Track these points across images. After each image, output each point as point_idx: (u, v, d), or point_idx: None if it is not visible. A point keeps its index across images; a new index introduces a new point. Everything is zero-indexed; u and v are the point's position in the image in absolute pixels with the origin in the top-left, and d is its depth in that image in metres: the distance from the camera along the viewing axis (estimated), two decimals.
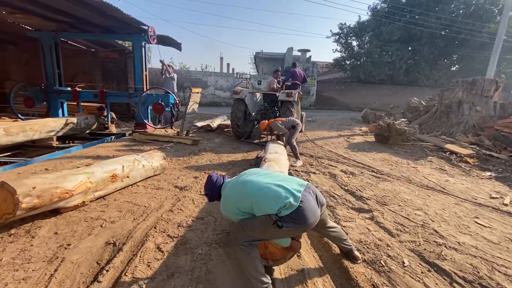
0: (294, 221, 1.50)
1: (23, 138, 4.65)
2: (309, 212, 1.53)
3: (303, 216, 1.51)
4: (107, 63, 10.23)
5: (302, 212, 1.51)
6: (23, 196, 2.02)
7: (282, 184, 1.61)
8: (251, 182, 1.68)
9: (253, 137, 6.86)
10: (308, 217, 1.52)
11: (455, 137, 6.70)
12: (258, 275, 1.55)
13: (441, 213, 2.89)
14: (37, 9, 5.37)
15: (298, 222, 1.51)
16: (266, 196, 1.56)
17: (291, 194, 1.54)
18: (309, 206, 1.54)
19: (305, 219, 1.51)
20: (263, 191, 1.58)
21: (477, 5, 17.80)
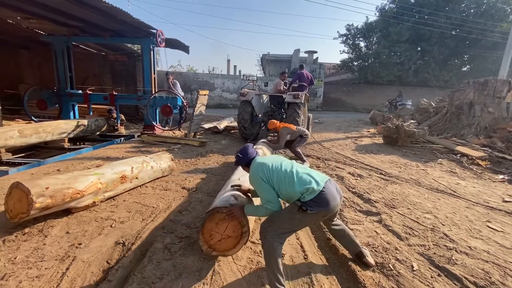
0: (318, 205, 1.64)
1: (36, 140, 4.78)
2: (331, 197, 1.68)
3: (325, 199, 1.66)
4: (116, 66, 10.43)
5: (324, 196, 1.66)
6: (37, 196, 2.08)
7: (309, 173, 1.77)
8: (283, 163, 1.83)
9: (260, 138, 6.83)
10: (329, 201, 1.66)
11: (466, 139, 6.56)
12: (278, 273, 1.63)
13: (451, 216, 2.84)
14: (50, 14, 5.54)
15: (321, 205, 1.65)
16: (294, 178, 1.71)
17: (315, 181, 1.70)
18: (330, 192, 1.70)
19: (327, 202, 1.66)
20: (293, 173, 1.74)
21: (489, 4, 17.42)
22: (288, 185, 1.70)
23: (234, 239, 1.85)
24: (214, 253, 1.86)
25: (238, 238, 1.85)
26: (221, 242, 1.85)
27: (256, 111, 6.43)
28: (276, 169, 1.77)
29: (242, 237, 1.84)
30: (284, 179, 1.72)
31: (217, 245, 1.85)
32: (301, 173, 1.74)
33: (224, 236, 1.84)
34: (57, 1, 4.76)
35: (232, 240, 1.85)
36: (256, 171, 1.80)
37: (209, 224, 1.85)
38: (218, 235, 1.85)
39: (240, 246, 1.86)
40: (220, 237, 1.85)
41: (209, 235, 1.85)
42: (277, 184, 1.73)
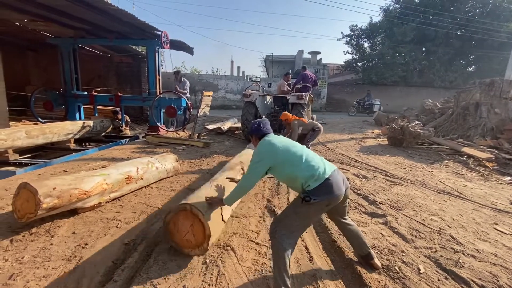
0: (321, 193, 1.63)
1: (43, 141, 4.84)
2: (335, 185, 1.67)
3: (329, 187, 1.64)
4: (121, 67, 10.52)
5: (329, 183, 1.65)
6: (44, 196, 2.11)
7: (318, 160, 1.77)
8: (294, 146, 1.83)
9: None
10: (334, 189, 1.65)
11: (473, 140, 6.48)
12: (285, 275, 1.61)
13: (458, 219, 2.80)
14: (56, 16, 5.61)
15: (325, 193, 1.64)
16: (302, 162, 1.71)
17: (322, 168, 1.70)
18: (335, 181, 1.68)
19: (331, 190, 1.64)
20: (302, 157, 1.73)
21: (495, 4, 17.23)
22: (294, 167, 1.70)
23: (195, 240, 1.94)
24: (173, 244, 1.98)
25: (198, 242, 1.93)
26: (184, 237, 1.94)
27: (260, 112, 6.44)
28: (285, 150, 1.76)
29: (203, 243, 1.92)
30: (291, 160, 1.72)
31: (180, 239, 1.95)
32: (310, 159, 1.73)
33: (188, 233, 1.93)
34: (64, 3, 4.82)
35: (193, 240, 1.94)
36: (263, 147, 1.80)
37: (178, 216, 1.94)
38: (183, 230, 1.94)
39: (197, 250, 1.94)
40: (186, 232, 1.93)
41: (175, 225, 1.95)
42: (282, 164, 1.74)
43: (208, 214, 1.92)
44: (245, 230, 2.38)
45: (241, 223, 2.50)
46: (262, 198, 3.12)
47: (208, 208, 1.99)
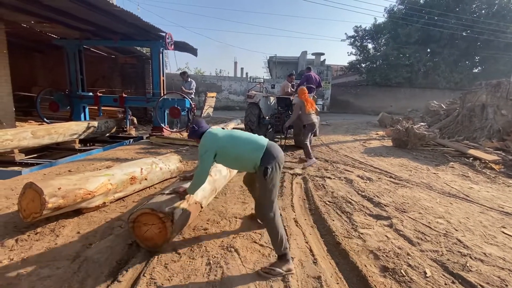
0: (270, 159, 1.90)
1: (48, 141, 4.89)
2: (275, 150, 1.96)
3: (272, 152, 1.93)
4: (126, 68, 10.59)
5: (270, 149, 1.94)
6: (50, 196, 2.12)
7: (253, 136, 2.05)
8: (233, 132, 2.10)
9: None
10: (277, 153, 1.95)
11: (479, 142, 6.41)
12: (284, 239, 1.89)
13: (465, 222, 2.76)
14: (62, 18, 5.67)
15: (272, 158, 1.91)
16: (245, 142, 1.99)
17: (260, 141, 1.99)
18: (272, 146, 1.98)
19: (275, 154, 1.94)
20: (241, 137, 2.03)
21: (501, 4, 17.07)
22: (238, 147, 1.96)
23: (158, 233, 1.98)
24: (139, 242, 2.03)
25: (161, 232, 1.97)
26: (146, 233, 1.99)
27: (263, 113, 6.42)
28: (226, 136, 2.02)
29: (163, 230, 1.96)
30: (233, 143, 1.98)
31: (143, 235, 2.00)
32: (249, 137, 2.03)
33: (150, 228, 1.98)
34: (70, 6, 4.86)
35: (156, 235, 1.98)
36: (205, 141, 2.01)
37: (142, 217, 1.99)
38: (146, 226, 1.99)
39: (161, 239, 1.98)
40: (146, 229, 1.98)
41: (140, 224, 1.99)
42: (225, 148, 1.97)
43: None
44: (248, 231, 2.37)
45: (244, 225, 2.49)
46: None
47: (174, 199, 2.13)
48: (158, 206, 1.98)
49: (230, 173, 3.37)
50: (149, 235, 1.97)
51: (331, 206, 3.03)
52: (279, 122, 6.42)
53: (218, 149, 1.96)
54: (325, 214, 2.80)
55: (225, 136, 2.02)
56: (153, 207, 1.96)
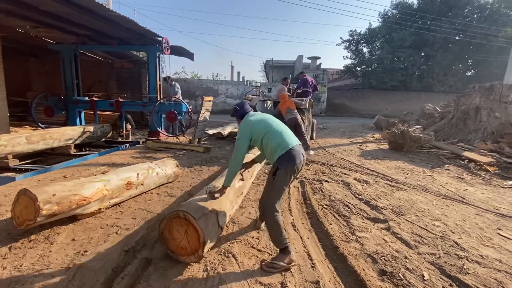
0: (286, 161, 1.94)
1: (43, 146, 4.84)
2: (296, 155, 1.98)
3: (291, 156, 1.95)
4: (122, 73, 10.57)
5: (291, 153, 1.96)
6: (44, 203, 2.09)
7: (288, 133, 2.09)
8: (272, 120, 2.16)
9: None
10: (295, 158, 1.96)
11: (473, 144, 6.48)
12: (283, 233, 1.98)
13: (461, 224, 2.78)
14: (58, 23, 5.66)
15: (288, 161, 1.94)
16: (275, 132, 2.04)
17: (288, 140, 2.02)
18: (297, 151, 1.99)
19: (294, 159, 1.95)
20: (275, 128, 2.07)
21: (492, 9, 17.43)
22: (268, 136, 2.03)
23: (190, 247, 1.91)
24: (169, 252, 1.97)
25: (193, 249, 1.90)
26: (179, 245, 1.92)
27: None
28: (260, 123, 2.10)
29: (197, 251, 1.89)
30: (265, 130, 2.05)
31: (175, 246, 1.94)
32: (280, 130, 2.06)
33: (183, 240, 1.92)
34: (66, 10, 4.86)
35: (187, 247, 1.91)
36: (243, 126, 2.12)
37: (171, 223, 1.94)
38: (178, 237, 1.93)
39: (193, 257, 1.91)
40: (180, 239, 1.92)
41: (170, 233, 1.94)
42: (258, 134, 2.05)
43: (202, 220, 1.90)
44: (246, 236, 2.36)
45: (242, 229, 2.48)
46: None
47: (211, 202, 2.11)
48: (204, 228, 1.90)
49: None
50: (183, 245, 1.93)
51: (329, 209, 3.03)
52: None
53: (252, 135, 2.07)
54: (322, 217, 2.79)
55: (262, 124, 2.09)
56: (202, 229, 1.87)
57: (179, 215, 1.89)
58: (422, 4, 18.53)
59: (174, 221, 1.91)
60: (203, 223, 1.88)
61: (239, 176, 3.01)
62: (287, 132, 2.09)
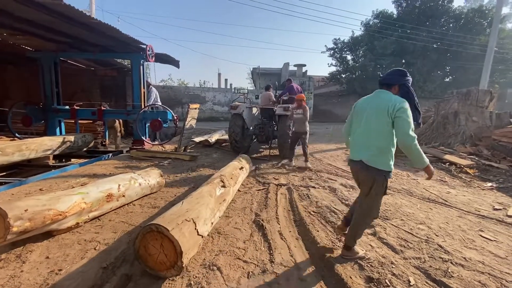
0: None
1: (18, 158, 4.60)
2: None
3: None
4: (105, 80, 10.32)
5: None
6: (15, 219, 1.96)
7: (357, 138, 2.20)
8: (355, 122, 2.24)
9: (252, 151, 6.87)
10: None
11: (453, 148, 6.71)
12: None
13: (444, 226, 2.83)
14: (37, 31, 5.48)
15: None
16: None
17: (354, 150, 2.23)
18: None
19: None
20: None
21: (467, 18, 18.40)
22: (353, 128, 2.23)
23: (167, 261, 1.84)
24: (148, 269, 1.88)
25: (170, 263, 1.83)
26: (157, 260, 1.85)
27: (247, 124, 6.40)
28: (360, 113, 2.18)
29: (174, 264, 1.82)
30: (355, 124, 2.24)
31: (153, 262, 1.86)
32: (360, 127, 2.15)
33: (160, 254, 1.84)
34: (45, 18, 4.71)
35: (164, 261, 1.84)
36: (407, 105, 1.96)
37: (146, 239, 1.86)
38: (155, 252, 1.85)
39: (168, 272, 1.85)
40: (157, 254, 1.84)
41: (146, 249, 1.86)
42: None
43: (176, 230, 1.83)
44: (232, 247, 2.30)
45: (228, 240, 2.41)
46: (250, 212, 3.05)
47: (187, 211, 2.06)
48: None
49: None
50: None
51: (316, 216, 3.01)
52: (263, 132, 6.44)
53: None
54: (309, 225, 2.77)
55: (361, 112, 2.15)
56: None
57: (152, 229, 1.83)
58: (402, 14, 19.36)
59: (148, 236, 1.84)
60: (177, 233, 1.82)
61: (220, 183, 2.97)
62: (360, 136, 2.15)
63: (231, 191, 3.23)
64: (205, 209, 2.31)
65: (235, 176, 3.60)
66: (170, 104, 13.44)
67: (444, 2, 18.67)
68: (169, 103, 14.39)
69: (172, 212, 2.07)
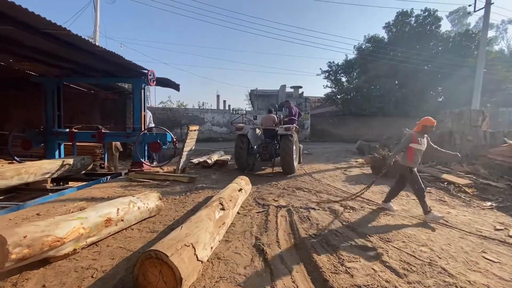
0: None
1: (17, 182, 4.57)
2: None
3: None
4: (106, 103, 10.51)
5: None
6: (14, 246, 1.93)
7: None
8: None
9: (256, 169, 7.27)
10: None
11: (451, 167, 6.76)
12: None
13: (447, 248, 2.80)
14: (43, 57, 5.67)
15: None
16: None
17: None
18: None
19: None
20: None
21: (454, 42, 19.28)
22: None
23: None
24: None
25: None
26: (157, 287, 1.81)
27: (251, 143, 6.93)
28: None
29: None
30: None
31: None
32: None
33: (159, 282, 1.80)
34: (51, 46, 4.90)
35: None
36: None
37: (144, 266, 1.84)
38: (154, 280, 1.81)
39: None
40: (156, 282, 1.81)
41: (145, 277, 1.83)
42: None
43: (176, 256, 1.81)
44: (232, 273, 2.25)
45: (228, 266, 2.37)
46: (250, 236, 3.01)
47: (186, 235, 2.02)
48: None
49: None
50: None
51: (317, 239, 2.98)
52: (266, 151, 6.98)
53: None
54: (311, 248, 2.74)
55: None
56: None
57: (151, 255, 1.81)
58: (392, 39, 20.29)
59: (146, 263, 1.82)
60: (177, 259, 1.80)
61: (220, 206, 2.96)
62: None
63: (231, 214, 3.22)
64: (204, 233, 2.30)
65: (234, 198, 3.59)
66: (169, 125, 13.58)
67: (432, 27, 19.63)
68: (168, 124, 14.54)
69: (171, 237, 2.06)
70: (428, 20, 19.56)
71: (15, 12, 3.63)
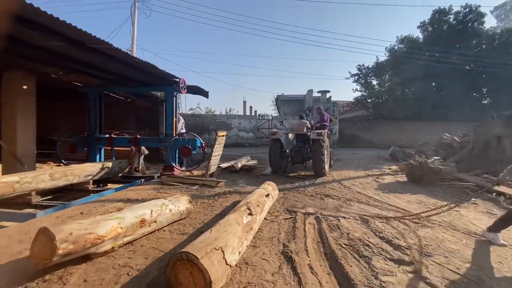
0: None
1: (64, 183, 5.02)
2: None
3: None
4: (141, 111, 11.21)
5: None
6: (61, 242, 2.11)
7: None
8: None
9: (289, 171, 7.69)
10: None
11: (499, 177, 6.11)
12: None
13: (498, 267, 2.52)
14: (87, 69, 6.24)
15: None
16: None
17: None
18: None
19: None
20: None
21: (501, 39, 17.62)
22: None
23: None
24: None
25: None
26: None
27: (284, 147, 7.34)
28: None
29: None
30: None
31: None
32: None
33: (190, 284, 1.82)
34: (95, 59, 5.38)
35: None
36: None
37: (176, 267, 1.87)
38: (185, 281, 1.84)
39: None
40: (187, 283, 1.83)
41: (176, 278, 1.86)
42: None
43: (206, 259, 1.84)
44: (260, 279, 2.23)
45: (256, 272, 2.36)
46: (277, 243, 2.97)
47: (216, 239, 2.05)
48: None
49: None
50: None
51: (348, 249, 2.85)
52: (298, 154, 7.40)
53: None
54: (341, 259, 2.62)
55: None
56: None
57: (182, 257, 1.85)
58: (428, 38, 19.11)
59: (178, 264, 1.87)
60: (206, 262, 1.82)
61: (247, 211, 2.96)
62: None
63: (258, 220, 3.21)
64: (232, 238, 2.32)
65: (262, 204, 3.58)
66: (198, 131, 14.06)
67: (474, 24, 18.17)
68: (197, 130, 15.07)
69: (201, 240, 2.10)
70: (469, 16, 18.16)
71: (67, 30, 4.05)
